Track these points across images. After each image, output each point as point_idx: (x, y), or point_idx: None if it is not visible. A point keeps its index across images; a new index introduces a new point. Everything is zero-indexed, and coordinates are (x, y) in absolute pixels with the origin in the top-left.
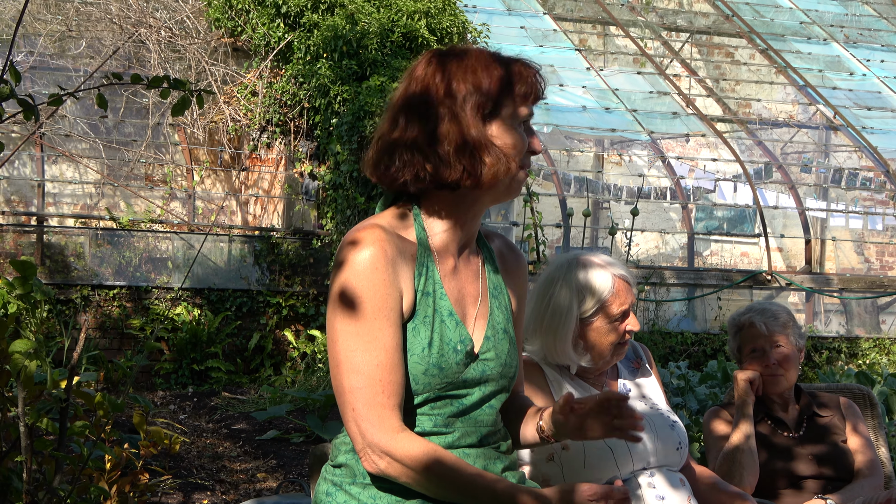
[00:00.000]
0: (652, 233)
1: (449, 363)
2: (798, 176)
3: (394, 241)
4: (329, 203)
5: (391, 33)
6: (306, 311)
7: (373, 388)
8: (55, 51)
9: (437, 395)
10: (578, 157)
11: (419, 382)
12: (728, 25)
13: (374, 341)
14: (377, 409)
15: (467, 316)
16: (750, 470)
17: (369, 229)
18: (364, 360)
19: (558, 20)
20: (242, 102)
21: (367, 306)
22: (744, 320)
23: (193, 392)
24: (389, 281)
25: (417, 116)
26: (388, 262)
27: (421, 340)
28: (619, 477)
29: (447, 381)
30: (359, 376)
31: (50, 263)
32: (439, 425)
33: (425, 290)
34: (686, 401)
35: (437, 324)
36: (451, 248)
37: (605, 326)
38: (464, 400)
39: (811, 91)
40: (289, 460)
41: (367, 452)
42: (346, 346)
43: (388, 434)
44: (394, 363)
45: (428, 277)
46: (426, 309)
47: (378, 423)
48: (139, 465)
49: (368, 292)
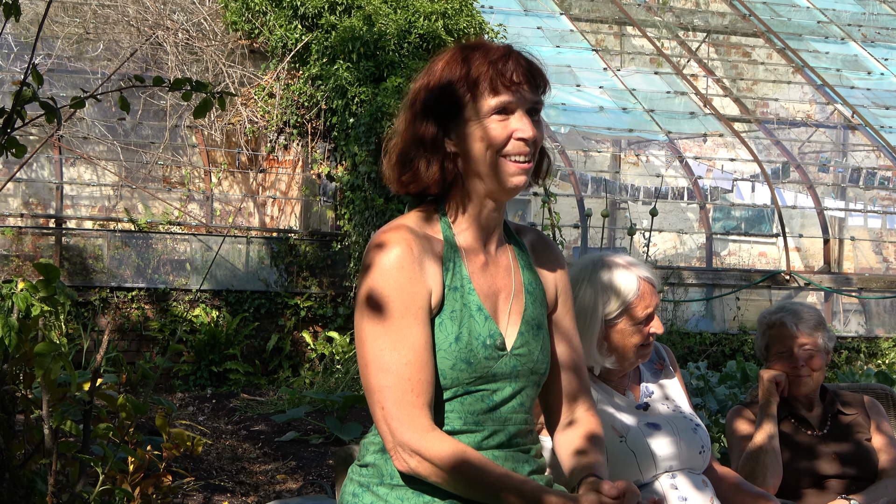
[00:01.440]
0: (670, 233)
1: (477, 357)
2: (816, 175)
3: (420, 240)
4: (347, 204)
5: (409, 34)
6: (324, 313)
7: (402, 386)
8: (73, 53)
9: (465, 391)
10: (596, 157)
11: (447, 377)
12: (745, 25)
13: (403, 340)
14: (406, 408)
15: (499, 311)
16: (773, 470)
17: (394, 230)
18: (393, 359)
19: (575, 20)
20: (260, 104)
21: (395, 305)
22: (774, 319)
23: (212, 394)
24: (416, 279)
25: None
26: (415, 260)
27: (448, 335)
28: (642, 481)
29: (476, 376)
30: (388, 375)
31: (69, 266)
32: (469, 423)
33: (453, 286)
34: (705, 401)
35: (466, 318)
36: (478, 244)
37: (630, 328)
38: (494, 396)
39: (829, 90)
40: (308, 462)
41: (397, 451)
42: (375, 346)
43: (418, 433)
44: (423, 361)
45: (455, 273)
46: (454, 304)
47: (408, 421)
48: (162, 466)
49: (395, 291)
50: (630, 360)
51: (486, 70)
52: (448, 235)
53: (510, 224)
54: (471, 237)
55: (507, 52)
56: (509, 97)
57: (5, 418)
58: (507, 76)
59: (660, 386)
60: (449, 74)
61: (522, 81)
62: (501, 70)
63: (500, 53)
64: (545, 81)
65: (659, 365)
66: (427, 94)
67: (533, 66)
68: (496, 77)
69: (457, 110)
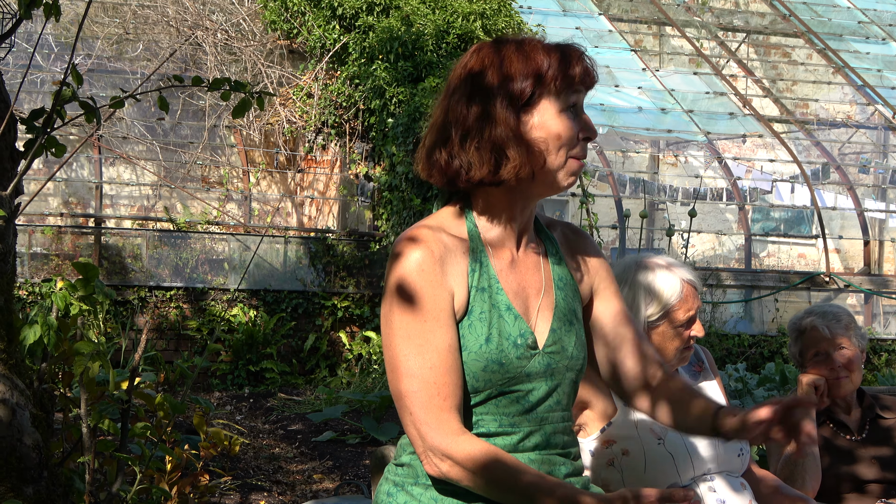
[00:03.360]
0: (708, 234)
1: (509, 358)
2: (856, 177)
3: (442, 240)
4: (384, 204)
5: (447, 35)
6: (361, 313)
7: (428, 391)
8: (112, 53)
9: (499, 392)
10: (634, 158)
11: (479, 379)
12: (785, 25)
13: (427, 344)
14: (435, 412)
15: (529, 309)
16: (813, 474)
17: (415, 232)
18: (418, 364)
19: (614, 21)
20: (298, 104)
21: (417, 310)
22: (805, 324)
23: (249, 393)
24: (438, 282)
25: (455, 113)
26: (436, 262)
27: (478, 337)
28: (679, 483)
29: (509, 377)
30: (414, 380)
31: (107, 265)
32: (504, 425)
33: (480, 286)
34: (744, 403)
35: (495, 319)
36: (506, 241)
37: (670, 332)
38: (529, 396)
39: (869, 91)
40: (345, 461)
41: (428, 455)
42: (400, 351)
43: (449, 437)
44: (448, 365)
45: (482, 273)
46: (482, 304)
47: (437, 425)
48: (199, 466)
49: (417, 295)
50: (670, 363)
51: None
52: (474, 234)
53: (540, 218)
54: (499, 234)
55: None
56: (580, 97)
57: (44, 417)
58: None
59: (699, 389)
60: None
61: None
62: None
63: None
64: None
65: (698, 367)
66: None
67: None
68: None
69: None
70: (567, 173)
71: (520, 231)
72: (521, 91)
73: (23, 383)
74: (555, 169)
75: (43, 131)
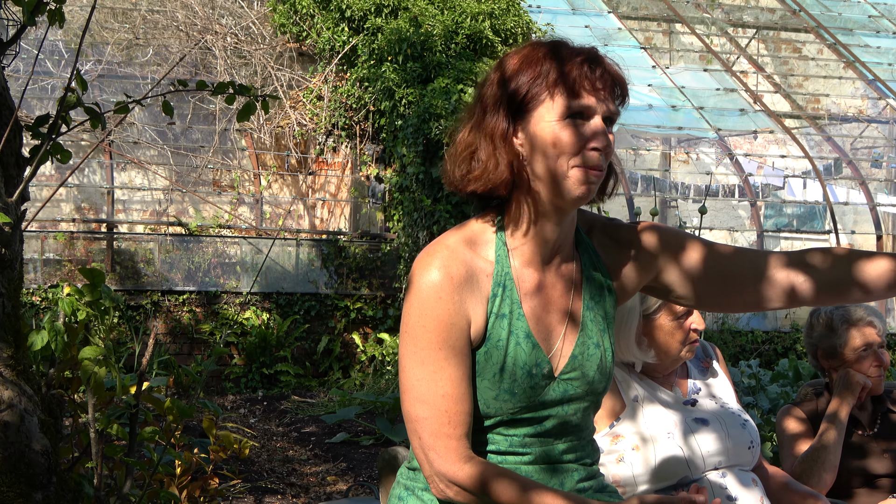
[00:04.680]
0: (720, 231)
1: (522, 388)
2: (868, 171)
3: (465, 263)
4: (396, 205)
5: (455, 35)
6: (374, 315)
7: (439, 419)
8: (123, 59)
9: (511, 418)
10: (645, 155)
11: (491, 407)
12: (795, 20)
13: (440, 371)
14: (443, 440)
15: (552, 334)
16: (830, 469)
17: (438, 252)
18: (429, 391)
19: (623, 18)
20: (308, 107)
21: (432, 336)
22: (858, 316)
23: (263, 396)
24: (455, 310)
25: (464, 121)
26: (455, 289)
27: (493, 366)
28: (690, 478)
29: (521, 406)
30: (424, 406)
31: (120, 270)
32: (515, 445)
33: (500, 313)
34: (757, 400)
35: (512, 346)
36: (534, 261)
37: (670, 324)
38: (545, 423)
39: (881, 85)
40: (359, 463)
41: (434, 480)
42: (413, 374)
43: (456, 464)
44: (460, 394)
45: (504, 298)
46: (500, 332)
47: (444, 453)
48: (209, 469)
49: (432, 322)
50: (673, 356)
51: (570, 69)
52: (502, 255)
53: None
54: (528, 253)
55: (595, 54)
56: (591, 101)
57: (53, 422)
58: (593, 79)
59: (707, 384)
60: (528, 67)
61: (606, 87)
62: (588, 71)
63: (587, 54)
64: (626, 92)
65: (706, 363)
66: (500, 88)
67: (617, 74)
68: (582, 77)
69: (531, 108)
70: (575, 182)
71: (552, 249)
72: (513, 97)
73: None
74: (559, 178)
75: (48, 137)
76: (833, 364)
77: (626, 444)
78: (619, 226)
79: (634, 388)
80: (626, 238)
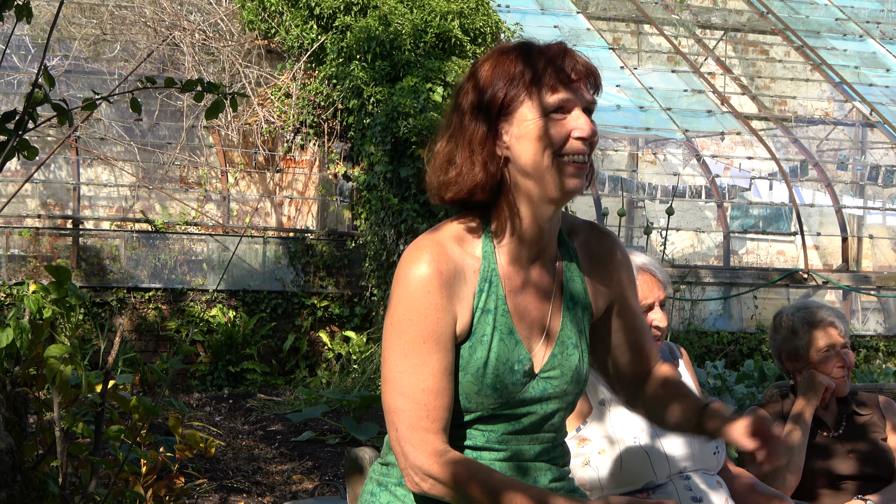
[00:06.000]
0: (687, 231)
1: (504, 384)
2: (834, 173)
3: (452, 259)
4: (363, 204)
5: (424, 34)
6: (341, 313)
7: (417, 412)
8: (90, 54)
9: (491, 414)
10: (612, 156)
11: (472, 401)
12: (763, 22)
13: (422, 365)
14: (420, 433)
15: (533, 332)
16: (796, 471)
17: (428, 247)
18: (410, 384)
19: (592, 19)
20: (276, 104)
21: (417, 330)
22: (821, 317)
23: (229, 394)
24: (442, 305)
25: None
26: (443, 283)
27: (476, 361)
28: (656, 482)
29: (501, 402)
30: (404, 398)
31: (86, 266)
32: (492, 441)
33: (486, 308)
34: (723, 401)
35: (496, 342)
36: (520, 259)
37: None
38: (522, 420)
39: (847, 88)
40: (325, 462)
41: (409, 473)
42: (395, 366)
43: (431, 458)
44: (440, 388)
45: (490, 294)
46: (485, 328)
47: (420, 446)
48: (175, 468)
49: (419, 316)
50: None
51: (544, 66)
52: (488, 251)
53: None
54: (514, 252)
55: (565, 49)
56: (568, 94)
57: (17, 420)
58: (567, 72)
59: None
60: (502, 72)
61: (581, 78)
62: (561, 66)
63: (558, 50)
64: (600, 81)
65: (672, 364)
66: (477, 94)
67: (589, 65)
68: (556, 73)
69: (510, 110)
70: (565, 175)
71: (537, 248)
72: (491, 101)
73: None
74: (544, 172)
75: (15, 134)
76: (797, 366)
77: (593, 447)
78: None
79: (601, 391)
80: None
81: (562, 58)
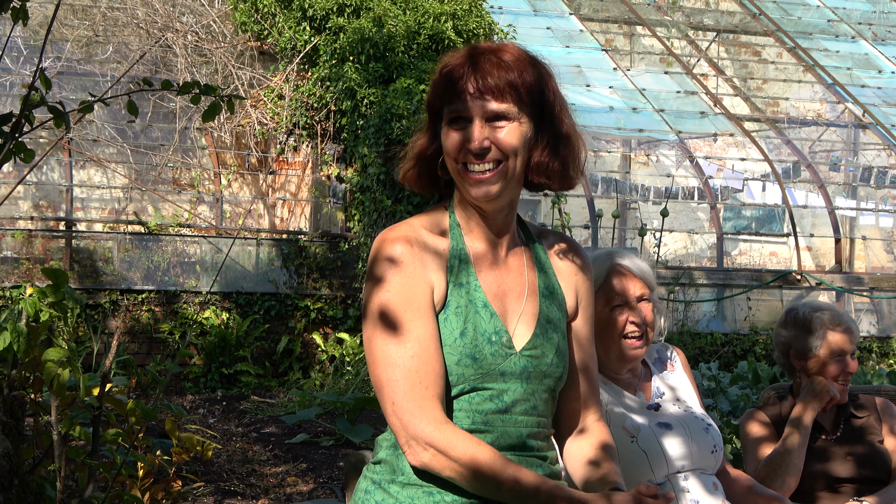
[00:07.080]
0: (680, 233)
1: (483, 353)
2: (827, 175)
3: (422, 236)
4: (356, 205)
5: (418, 35)
6: (334, 314)
7: (410, 379)
8: (82, 56)
9: (472, 387)
10: (606, 157)
11: (453, 373)
12: (755, 24)
13: (407, 333)
14: (417, 400)
15: (509, 311)
16: (795, 473)
17: (396, 228)
18: (398, 353)
19: (584, 20)
20: (269, 106)
21: (397, 301)
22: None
23: (223, 396)
24: (417, 274)
25: None
26: (415, 256)
27: (453, 330)
28: (654, 482)
29: (482, 373)
30: (395, 369)
31: (79, 268)
32: (477, 423)
33: (458, 282)
34: (717, 402)
35: (471, 314)
36: (485, 243)
37: (603, 315)
38: (503, 396)
39: (839, 89)
40: (319, 464)
41: (410, 445)
42: (381, 341)
43: (432, 424)
44: (429, 354)
45: (461, 270)
46: (458, 299)
47: (419, 413)
48: (171, 471)
49: (395, 286)
50: (615, 353)
51: (452, 76)
52: (455, 234)
53: (532, 227)
54: (479, 236)
55: (466, 59)
56: (464, 106)
57: (14, 424)
58: (471, 82)
59: (671, 387)
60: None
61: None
62: (467, 75)
63: (459, 59)
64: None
65: (670, 367)
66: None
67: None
68: (462, 83)
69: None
70: (467, 184)
71: (496, 234)
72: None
73: None
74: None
75: (11, 136)
76: (803, 365)
77: None
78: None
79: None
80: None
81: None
